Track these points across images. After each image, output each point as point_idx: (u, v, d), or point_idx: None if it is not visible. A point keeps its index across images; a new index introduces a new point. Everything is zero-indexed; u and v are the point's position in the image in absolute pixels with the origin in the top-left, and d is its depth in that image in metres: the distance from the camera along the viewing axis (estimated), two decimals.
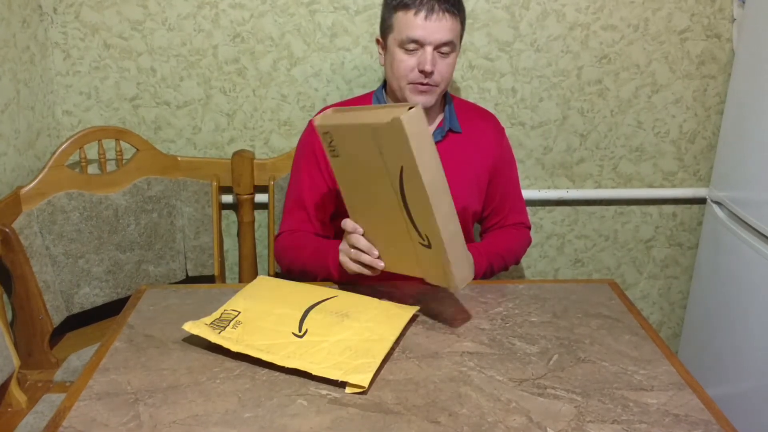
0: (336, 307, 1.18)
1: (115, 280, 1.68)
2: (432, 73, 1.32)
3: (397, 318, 1.15)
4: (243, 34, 1.75)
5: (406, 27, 1.30)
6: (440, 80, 1.35)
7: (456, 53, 1.36)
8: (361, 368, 1.01)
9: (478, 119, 1.50)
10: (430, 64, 1.30)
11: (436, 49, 1.31)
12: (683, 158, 1.94)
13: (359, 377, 0.99)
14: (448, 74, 1.36)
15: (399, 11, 1.31)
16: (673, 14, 1.79)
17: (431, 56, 1.30)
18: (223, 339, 1.08)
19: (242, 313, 1.15)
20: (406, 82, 1.34)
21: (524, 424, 0.94)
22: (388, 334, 1.10)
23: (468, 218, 1.48)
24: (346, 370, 1.01)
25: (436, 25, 1.29)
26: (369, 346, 1.06)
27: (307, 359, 1.03)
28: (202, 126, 1.84)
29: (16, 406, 1.35)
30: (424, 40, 1.30)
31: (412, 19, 1.29)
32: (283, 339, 1.08)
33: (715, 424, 0.95)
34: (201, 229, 1.78)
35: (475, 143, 1.46)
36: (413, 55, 1.32)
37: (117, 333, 1.16)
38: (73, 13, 1.71)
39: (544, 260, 2.03)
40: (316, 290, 1.25)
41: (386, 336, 1.09)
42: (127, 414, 0.95)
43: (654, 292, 2.08)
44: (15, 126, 1.58)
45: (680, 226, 2.01)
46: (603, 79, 1.84)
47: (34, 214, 1.54)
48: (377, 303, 1.21)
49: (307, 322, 1.12)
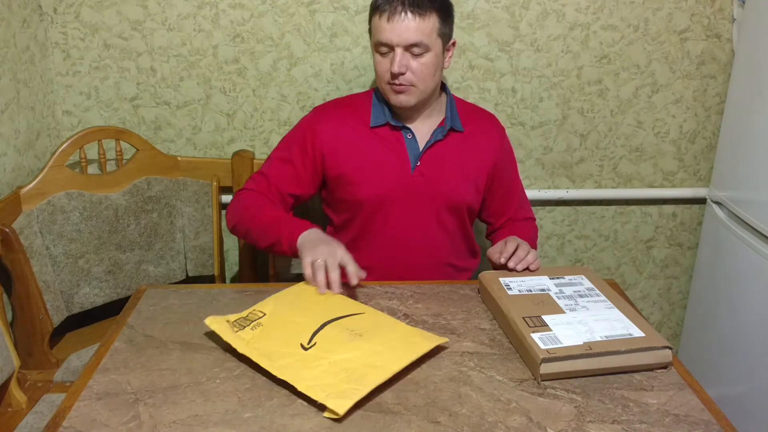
0: (355, 324, 1.11)
1: (115, 280, 1.68)
2: (403, 74, 1.34)
3: (414, 347, 1.07)
4: (243, 34, 1.75)
5: (376, 31, 1.35)
6: (415, 80, 1.35)
7: (434, 52, 1.35)
8: (346, 393, 0.95)
9: (480, 119, 1.52)
10: (398, 66, 1.33)
11: (407, 50, 1.33)
12: (683, 158, 1.94)
13: (338, 403, 0.93)
14: (424, 74, 1.36)
15: (374, 16, 1.36)
16: (673, 14, 1.79)
17: (399, 58, 1.33)
18: (237, 339, 1.07)
19: (267, 316, 1.12)
20: (384, 83, 1.38)
21: (524, 424, 0.94)
22: (393, 362, 1.02)
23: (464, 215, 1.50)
24: (330, 392, 0.95)
25: (400, 26, 1.31)
26: (366, 372, 1.00)
27: (299, 373, 0.99)
28: (202, 126, 1.84)
29: (16, 406, 1.35)
30: (390, 42, 1.33)
31: (379, 23, 1.33)
32: (289, 349, 1.05)
33: (715, 424, 0.94)
34: (201, 229, 1.78)
35: (477, 142, 1.48)
36: (387, 57, 1.35)
37: (117, 333, 1.16)
38: (73, 13, 1.71)
39: (544, 260, 2.03)
40: (346, 303, 1.18)
41: (389, 365, 1.02)
42: (127, 414, 0.95)
43: (654, 292, 2.08)
44: (15, 126, 1.58)
45: (680, 226, 2.01)
46: (603, 79, 1.84)
47: (34, 214, 1.54)
48: (402, 328, 1.12)
49: (319, 336, 1.07)
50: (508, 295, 1.19)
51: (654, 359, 1.06)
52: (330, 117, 1.46)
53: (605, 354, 1.03)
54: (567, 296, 1.19)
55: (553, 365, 1.02)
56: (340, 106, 1.49)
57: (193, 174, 1.76)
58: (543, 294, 1.20)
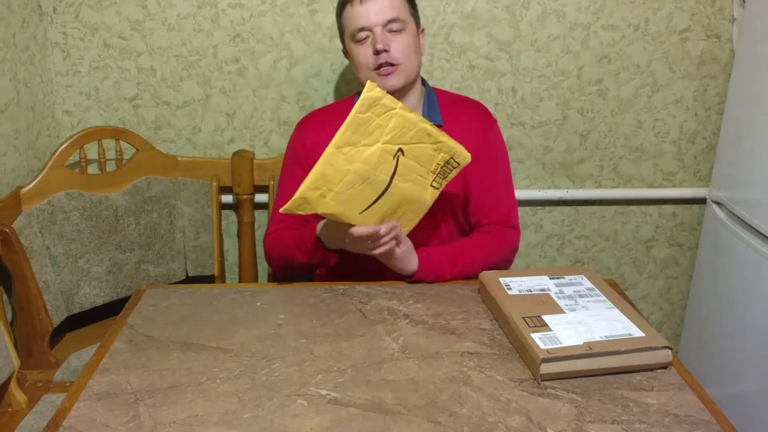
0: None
1: (115, 280, 1.68)
2: (386, 51, 1.35)
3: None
4: (243, 34, 1.75)
5: (350, 21, 1.38)
6: (401, 57, 1.36)
7: (410, 31, 1.38)
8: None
9: (464, 112, 1.48)
10: (381, 43, 1.34)
11: (385, 28, 1.35)
12: (683, 158, 1.94)
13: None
14: (406, 50, 1.37)
15: (343, 11, 1.39)
16: (674, 14, 1.79)
17: (380, 35, 1.35)
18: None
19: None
20: (369, 70, 1.38)
21: (524, 424, 0.94)
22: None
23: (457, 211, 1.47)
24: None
25: (375, 6, 1.34)
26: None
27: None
28: (202, 126, 1.84)
29: (16, 406, 1.35)
30: (368, 23, 1.35)
31: (352, 10, 1.36)
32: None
33: (715, 424, 0.94)
34: (201, 229, 1.78)
35: (457, 136, 1.40)
36: (366, 42, 1.37)
37: (117, 333, 1.16)
38: (73, 13, 1.71)
39: (545, 260, 2.03)
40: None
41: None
42: (127, 414, 0.95)
43: (654, 292, 2.08)
44: (15, 126, 1.58)
45: (680, 226, 2.01)
46: (603, 79, 1.84)
47: (34, 214, 1.54)
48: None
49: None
50: (508, 295, 1.19)
51: (654, 359, 1.06)
52: (315, 126, 1.48)
53: (605, 354, 1.03)
54: (567, 296, 1.19)
55: (553, 365, 1.02)
56: (322, 114, 1.52)
57: (193, 174, 1.76)
58: (543, 294, 1.20)
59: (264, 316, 1.21)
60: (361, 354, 1.10)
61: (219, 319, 1.20)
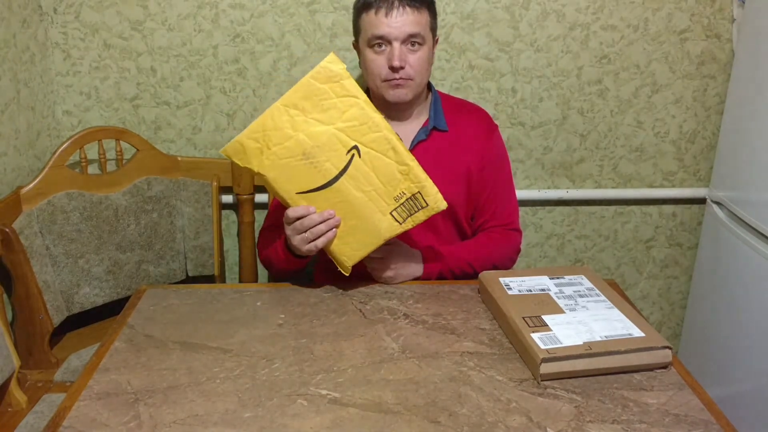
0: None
1: (115, 280, 1.68)
2: (402, 68, 1.34)
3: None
4: (243, 34, 1.75)
5: (370, 26, 1.35)
6: (413, 74, 1.36)
7: (428, 45, 1.37)
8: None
9: (468, 117, 1.49)
10: (398, 60, 1.33)
11: (403, 44, 1.34)
12: (683, 158, 1.94)
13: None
14: (421, 67, 1.37)
15: (363, 12, 1.36)
16: (673, 14, 1.79)
17: (399, 51, 1.33)
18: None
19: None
20: (380, 80, 1.37)
21: (524, 424, 0.94)
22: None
23: (459, 217, 1.47)
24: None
25: (398, 20, 1.32)
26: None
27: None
28: (202, 126, 1.84)
29: (16, 406, 1.35)
30: (388, 36, 1.33)
31: (375, 18, 1.33)
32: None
33: (715, 424, 0.95)
34: (201, 229, 1.78)
35: (462, 142, 1.45)
36: (382, 53, 1.35)
37: (117, 333, 1.16)
38: (73, 13, 1.72)
39: (544, 260, 2.03)
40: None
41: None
42: (127, 414, 0.95)
43: (654, 292, 2.08)
44: (15, 126, 1.58)
45: (680, 226, 2.01)
46: (603, 79, 1.84)
47: (34, 214, 1.54)
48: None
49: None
50: (507, 295, 1.19)
51: (654, 359, 1.06)
52: None
53: (605, 354, 1.04)
54: (567, 296, 1.19)
55: (553, 365, 1.02)
56: None
57: (193, 174, 1.76)
58: (543, 294, 1.20)
59: (264, 316, 1.22)
60: (361, 354, 1.10)
61: (219, 319, 1.20)
